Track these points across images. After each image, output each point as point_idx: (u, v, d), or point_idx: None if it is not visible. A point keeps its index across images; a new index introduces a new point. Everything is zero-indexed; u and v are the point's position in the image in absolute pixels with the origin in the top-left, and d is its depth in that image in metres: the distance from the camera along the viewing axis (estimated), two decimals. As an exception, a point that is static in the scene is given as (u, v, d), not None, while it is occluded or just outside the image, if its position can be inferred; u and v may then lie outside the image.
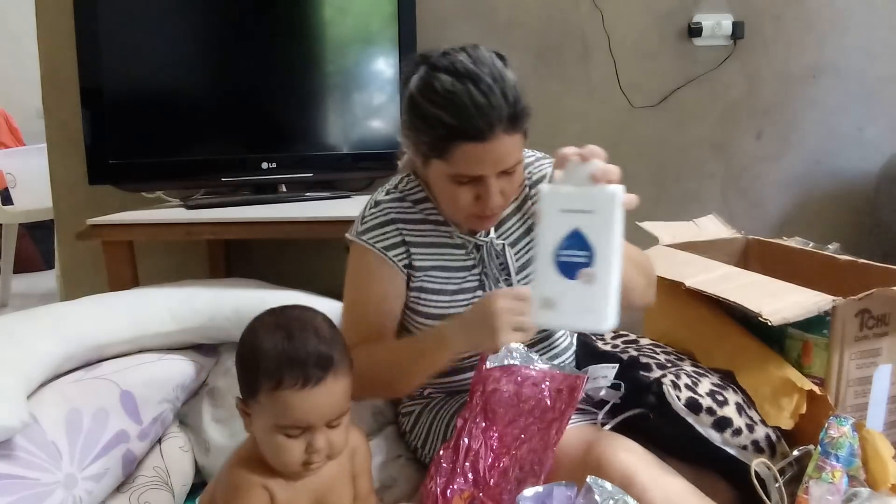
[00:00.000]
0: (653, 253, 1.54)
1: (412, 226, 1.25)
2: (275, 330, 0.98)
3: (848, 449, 1.08)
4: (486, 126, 1.06)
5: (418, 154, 1.17)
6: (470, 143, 1.07)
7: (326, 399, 0.95)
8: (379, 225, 1.25)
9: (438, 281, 1.26)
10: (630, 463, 1.03)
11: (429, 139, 1.11)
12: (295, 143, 1.95)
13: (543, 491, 0.97)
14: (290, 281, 1.64)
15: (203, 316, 1.48)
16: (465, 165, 1.10)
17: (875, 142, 2.21)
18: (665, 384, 1.17)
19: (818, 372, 1.24)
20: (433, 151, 1.12)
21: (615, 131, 2.15)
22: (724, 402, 1.18)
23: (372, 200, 1.28)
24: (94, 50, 1.74)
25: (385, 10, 1.92)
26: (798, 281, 1.29)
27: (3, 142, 3.77)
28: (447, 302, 1.26)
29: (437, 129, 1.09)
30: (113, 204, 1.88)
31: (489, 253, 1.27)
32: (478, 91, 1.06)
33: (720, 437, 1.15)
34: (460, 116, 1.06)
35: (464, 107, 1.06)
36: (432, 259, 1.26)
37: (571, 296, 0.92)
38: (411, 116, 1.13)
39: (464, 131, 1.07)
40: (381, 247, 1.24)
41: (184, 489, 1.37)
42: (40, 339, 1.29)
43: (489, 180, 1.12)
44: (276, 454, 0.96)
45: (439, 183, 1.17)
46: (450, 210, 1.21)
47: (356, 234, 1.27)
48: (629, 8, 2.11)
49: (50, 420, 1.18)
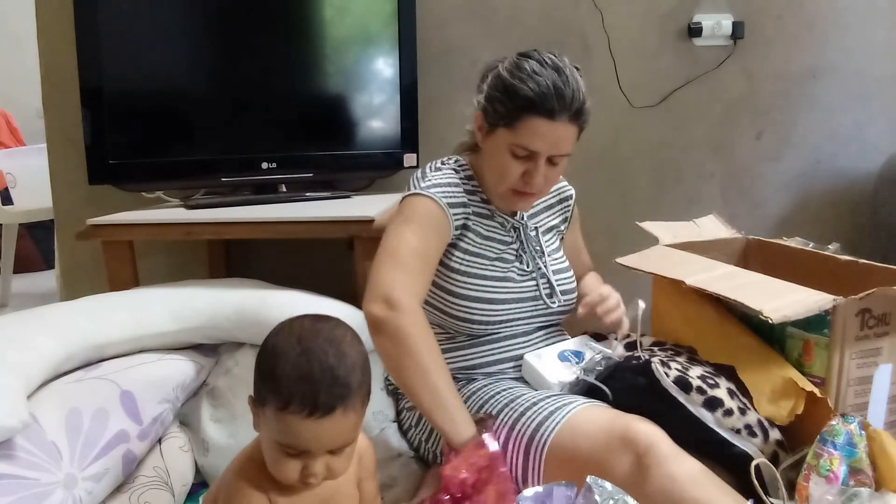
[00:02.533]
0: (653, 253, 1.55)
1: (468, 193, 1.36)
2: (297, 344, 0.91)
3: (845, 437, 1.10)
4: (558, 107, 1.23)
5: (486, 122, 1.31)
6: (540, 118, 1.24)
7: (332, 432, 0.90)
8: (446, 184, 1.33)
9: (482, 246, 1.36)
10: (654, 433, 1.08)
11: (504, 109, 1.26)
12: (295, 143, 1.95)
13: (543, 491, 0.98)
14: (289, 281, 1.64)
15: (203, 316, 1.48)
16: (528, 137, 1.25)
17: (875, 142, 2.21)
18: (654, 363, 1.22)
19: (819, 371, 1.25)
20: (503, 119, 1.27)
21: (615, 131, 2.15)
22: (714, 385, 1.21)
23: (432, 165, 1.38)
24: (94, 50, 1.74)
25: (385, 10, 1.92)
26: (798, 281, 1.29)
27: (3, 142, 3.78)
28: (487, 264, 1.35)
29: (515, 99, 1.25)
30: (113, 204, 1.88)
31: (526, 233, 1.41)
32: (559, 78, 1.24)
33: (712, 417, 1.18)
34: (540, 93, 1.23)
35: (546, 86, 1.23)
36: (480, 226, 1.37)
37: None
38: (492, 89, 1.29)
39: (540, 105, 1.23)
40: (447, 202, 1.31)
41: (184, 489, 1.37)
42: (40, 339, 1.29)
43: (540, 160, 1.27)
44: (274, 466, 0.93)
45: (497, 153, 1.30)
46: (496, 181, 1.32)
47: (423, 188, 1.31)
48: (629, 8, 2.11)
49: (50, 420, 1.18)
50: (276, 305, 1.46)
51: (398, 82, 1.94)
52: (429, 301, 1.35)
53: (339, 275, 1.78)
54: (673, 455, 1.05)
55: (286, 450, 0.90)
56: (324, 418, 0.88)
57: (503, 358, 1.36)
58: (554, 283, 1.40)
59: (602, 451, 1.08)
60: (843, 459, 1.09)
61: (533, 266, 1.39)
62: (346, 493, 1.03)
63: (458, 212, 1.32)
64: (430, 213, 1.29)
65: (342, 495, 1.02)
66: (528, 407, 1.21)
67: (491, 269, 1.35)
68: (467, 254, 1.34)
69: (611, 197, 2.17)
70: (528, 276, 1.38)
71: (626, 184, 2.19)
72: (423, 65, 1.96)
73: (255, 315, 1.45)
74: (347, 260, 1.72)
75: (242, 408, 1.46)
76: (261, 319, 1.44)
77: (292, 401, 0.88)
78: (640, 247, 1.57)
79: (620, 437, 1.08)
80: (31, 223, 3.40)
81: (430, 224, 1.28)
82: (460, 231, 1.34)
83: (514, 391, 1.27)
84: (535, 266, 1.39)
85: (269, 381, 0.91)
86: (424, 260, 1.25)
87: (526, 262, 1.39)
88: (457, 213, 1.32)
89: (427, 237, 1.26)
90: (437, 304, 1.35)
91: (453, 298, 1.32)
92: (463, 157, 1.42)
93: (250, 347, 1.50)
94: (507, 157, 1.28)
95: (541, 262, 1.40)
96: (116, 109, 1.78)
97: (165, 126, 1.84)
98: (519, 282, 1.36)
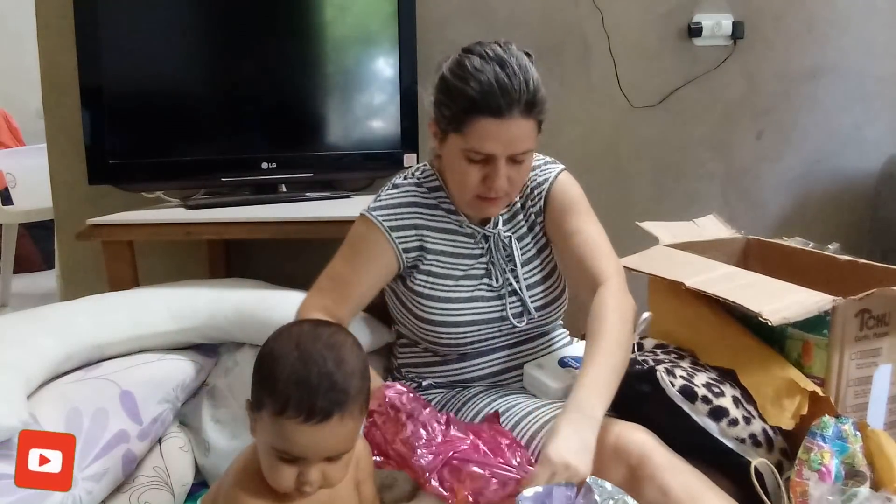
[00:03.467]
0: (653, 253, 1.54)
1: (427, 210, 1.30)
2: (295, 348, 0.90)
3: (834, 430, 1.10)
4: (505, 104, 1.13)
5: (439, 129, 1.23)
6: (487, 119, 1.14)
7: (328, 438, 0.89)
8: (395, 205, 1.29)
9: (447, 266, 1.30)
10: (647, 442, 1.06)
11: (450, 112, 1.18)
12: (295, 143, 1.95)
13: (543, 491, 0.97)
14: (289, 281, 1.64)
15: (203, 316, 1.48)
16: (479, 140, 1.16)
17: (875, 142, 2.21)
18: (659, 371, 1.19)
19: (818, 372, 1.24)
20: (452, 124, 1.19)
21: (615, 131, 2.15)
22: (720, 393, 1.19)
23: (391, 183, 1.34)
24: (94, 50, 1.74)
25: (385, 10, 1.92)
26: (798, 281, 1.29)
27: (3, 142, 3.77)
28: (452, 286, 1.29)
29: (459, 101, 1.16)
30: (113, 204, 1.88)
31: (496, 244, 1.32)
32: (503, 72, 1.14)
33: (717, 427, 1.16)
34: (483, 91, 1.14)
35: (487, 83, 1.13)
36: (442, 244, 1.30)
37: None
38: (438, 92, 1.21)
39: (484, 105, 1.14)
40: (388, 226, 1.27)
41: (184, 489, 1.37)
42: (40, 339, 1.29)
43: (499, 162, 1.17)
44: (269, 473, 0.92)
45: (452, 160, 1.22)
46: (458, 190, 1.26)
47: (369, 209, 1.30)
48: (629, 8, 2.11)
49: (50, 420, 1.18)
50: (276, 305, 1.46)
51: (398, 82, 1.93)
52: (401, 322, 1.35)
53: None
54: (667, 466, 1.03)
55: (282, 455, 0.89)
56: (320, 424, 0.87)
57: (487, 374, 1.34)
58: (527, 299, 1.31)
59: (595, 461, 1.02)
60: (834, 454, 1.09)
61: (503, 281, 1.31)
62: (345, 495, 1.03)
63: (408, 234, 1.27)
64: (365, 237, 1.28)
65: (341, 498, 1.02)
66: (522, 416, 1.20)
67: (456, 290, 1.29)
68: (430, 276, 1.29)
69: (611, 197, 2.17)
70: (496, 294, 1.30)
71: (626, 184, 2.19)
72: (422, 65, 1.96)
73: (254, 315, 1.45)
74: (347, 260, 1.72)
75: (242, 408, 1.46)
76: (261, 319, 1.44)
77: (289, 405, 0.87)
78: (640, 247, 1.56)
79: (612, 448, 1.05)
80: (31, 223, 3.40)
81: (361, 248, 1.27)
82: (417, 253, 1.28)
83: (509, 399, 1.26)
84: (504, 281, 1.31)
85: (265, 384, 0.90)
86: (347, 282, 1.26)
87: (495, 276, 1.31)
88: (403, 235, 1.27)
89: (355, 263, 1.27)
90: (408, 326, 1.34)
91: (419, 322, 1.30)
92: (431, 167, 1.35)
93: (250, 347, 1.50)
94: (464, 164, 1.19)
95: (511, 276, 1.31)
96: (116, 109, 1.78)
97: (165, 126, 1.84)
98: (488, 300, 1.30)
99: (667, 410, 1.17)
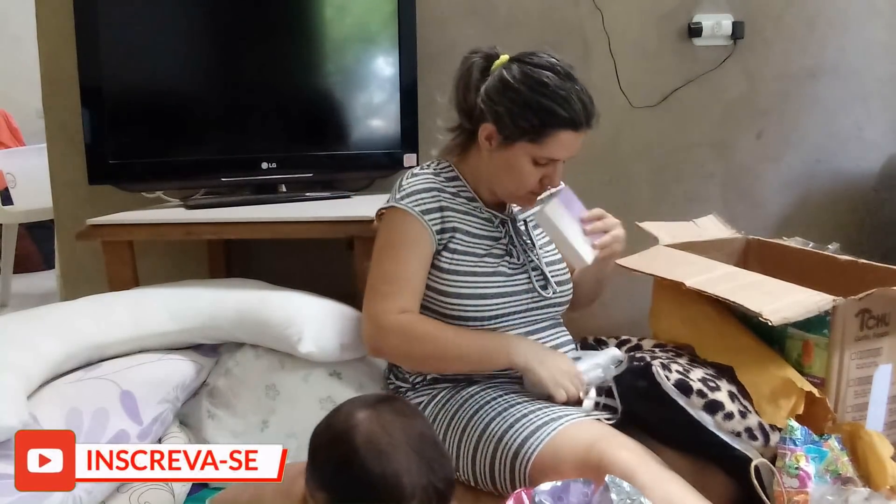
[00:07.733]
0: (653, 253, 1.55)
1: (448, 195, 1.37)
2: (406, 448, 0.89)
3: (802, 433, 1.11)
4: (585, 120, 1.28)
5: (501, 136, 1.30)
6: (568, 132, 1.27)
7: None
8: (418, 191, 1.35)
9: (470, 244, 1.35)
10: (631, 461, 1.06)
11: (528, 125, 1.27)
12: (295, 143, 1.95)
13: (560, 486, 0.97)
14: (289, 281, 1.64)
15: (203, 316, 1.48)
16: (555, 149, 1.28)
17: (875, 142, 2.21)
18: (654, 365, 1.21)
19: (818, 372, 1.24)
20: (527, 135, 1.27)
21: (615, 131, 2.15)
22: (715, 388, 1.20)
23: (408, 173, 1.40)
24: (94, 50, 1.74)
25: (385, 9, 1.92)
26: (798, 281, 1.29)
27: (3, 142, 3.77)
28: (476, 261, 1.34)
29: (541, 116, 1.26)
30: (113, 204, 1.88)
31: (514, 228, 1.41)
32: (580, 89, 1.28)
33: (712, 421, 1.17)
34: (571, 109, 1.26)
35: (574, 102, 1.26)
36: (465, 224, 1.36)
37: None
38: (511, 104, 1.27)
39: (570, 122, 1.26)
40: (420, 210, 1.32)
41: (184, 489, 1.37)
42: (40, 339, 1.29)
43: (560, 164, 1.31)
44: None
45: (514, 162, 1.30)
46: (514, 186, 1.34)
47: (395, 199, 1.34)
48: (629, 8, 2.10)
49: (50, 420, 1.18)
50: (276, 305, 1.46)
51: (398, 82, 1.93)
52: (425, 304, 1.36)
53: (338, 275, 1.78)
54: (651, 483, 1.02)
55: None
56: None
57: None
58: (548, 273, 1.39)
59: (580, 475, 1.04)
60: (809, 457, 1.09)
61: (524, 259, 1.38)
62: None
63: (435, 217, 1.33)
64: (404, 228, 1.32)
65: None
66: (517, 419, 1.21)
67: (480, 265, 1.34)
68: (456, 253, 1.34)
69: (611, 197, 2.16)
70: (519, 270, 1.37)
71: (626, 184, 2.19)
72: (423, 65, 1.96)
73: (255, 315, 1.45)
74: (347, 260, 1.72)
75: (242, 408, 1.46)
76: (261, 320, 1.44)
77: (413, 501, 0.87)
78: (640, 247, 1.56)
79: (596, 466, 1.06)
80: (31, 223, 3.40)
81: (406, 240, 1.32)
82: (448, 234, 1.34)
83: (508, 400, 1.27)
84: (525, 259, 1.39)
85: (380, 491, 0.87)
86: (404, 278, 1.31)
87: (517, 255, 1.38)
88: (433, 218, 1.32)
89: (401, 256, 1.31)
90: (432, 305, 1.35)
91: (445, 298, 1.33)
92: (445, 160, 1.42)
93: (250, 347, 1.50)
94: (528, 166, 1.30)
95: (532, 254, 1.40)
96: (116, 109, 1.78)
97: (165, 126, 1.84)
98: (510, 275, 1.35)
99: (663, 405, 1.18)
